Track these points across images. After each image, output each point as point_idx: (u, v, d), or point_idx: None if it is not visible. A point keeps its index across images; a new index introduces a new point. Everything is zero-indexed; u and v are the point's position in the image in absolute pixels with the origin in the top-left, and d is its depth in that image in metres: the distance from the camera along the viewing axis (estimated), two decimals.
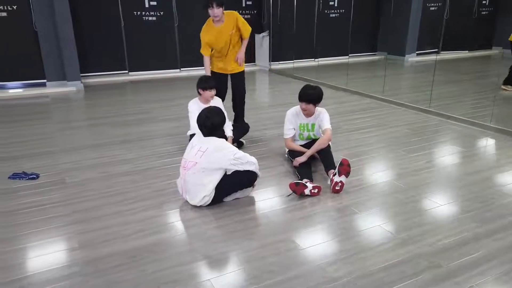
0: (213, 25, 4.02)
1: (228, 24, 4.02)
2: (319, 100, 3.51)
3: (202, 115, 2.91)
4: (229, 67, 4.22)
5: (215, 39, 4.04)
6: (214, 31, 4.02)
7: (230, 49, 4.14)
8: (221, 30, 4.01)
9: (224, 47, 4.09)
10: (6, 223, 2.69)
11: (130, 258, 2.31)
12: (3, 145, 4.25)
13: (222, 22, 4.00)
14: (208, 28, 4.05)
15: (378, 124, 4.94)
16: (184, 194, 2.92)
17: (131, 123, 5.03)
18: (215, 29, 4.01)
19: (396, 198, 3.04)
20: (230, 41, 4.08)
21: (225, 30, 4.01)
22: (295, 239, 2.50)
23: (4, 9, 6.51)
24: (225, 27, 4.01)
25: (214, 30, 4.02)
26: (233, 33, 4.06)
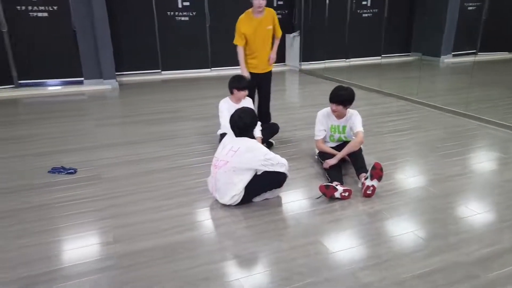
0: (252, 16, 4.02)
1: (267, 18, 4.06)
2: (350, 102, 3.45)
3: (235, 116, 2.93)
4: (261, 65, 4.23)
5: (253, 30, 4.03)
6: (253, 22, 4.02)
7: (263, 46, 4.15)
8: (261, 22, 4.02)
9: (258, 42, 4.10)
10: (44, 215, 2.81)
11: (163, 253, 2.36)
12: (44, 140, 4.44)
13: (263, 14, 4.02)
14: (247, 18, 4.05)
15: (412, 127, 4.82)
16: (214, 193, 2.96)
17: (163, 121, 5.13)
18: (254, 20, 4.02)
19: (430, 204, 2.96)
20: (265, 37, 4.10)
21: (264, 24, 4.05)
22: (325, 242, 2.48)
23: (45, 9, 6.80)
24: (264, 20, 4.04)
25: (253, 21, 4.02)
26: (270, 29, 4.10)
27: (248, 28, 4.04)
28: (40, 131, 4.75)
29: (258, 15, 4.02)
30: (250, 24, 4.04)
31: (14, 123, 5.19)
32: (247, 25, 4.05)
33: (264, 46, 4.17)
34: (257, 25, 4.04)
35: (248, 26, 4.04)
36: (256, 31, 4.05)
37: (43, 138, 4.49)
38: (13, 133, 4.73)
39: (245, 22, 4.05)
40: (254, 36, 4.08)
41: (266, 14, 4.06)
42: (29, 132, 4.73)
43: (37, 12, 6.77)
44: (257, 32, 4.06)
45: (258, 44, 4.13)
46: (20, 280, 2.14)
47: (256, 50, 4.16)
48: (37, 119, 5.35)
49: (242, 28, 4.05)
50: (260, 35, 4.07)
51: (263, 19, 4.05)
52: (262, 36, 4.09)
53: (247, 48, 4.18)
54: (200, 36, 8.51)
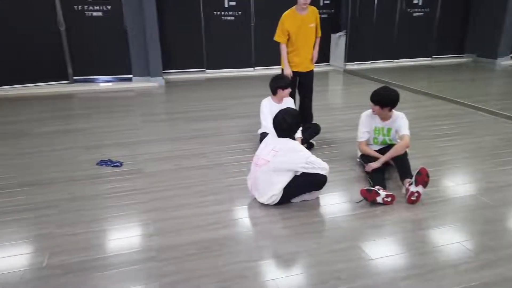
0: (297, 13, 4.06)
1: (311, 16, 4.10)
2: (390, 104, 3.30)
3: (278, 117, 2.91)
4: (303, 64, 4.24)
5: (297, 27, 4.07)
6: (297, 19, 4.06)
7: (306, 43, 4.16)
8: (304, 19, 4.06)
9: (301, 39, 4.12)
10: (91, 205, 2.95)
11: (203, 248, 2.40)
12: (94, 133, 4.66)
13: (307, 11, 4.07)
14: (292, 14, 4.09)
15: (463, 132, 4.56)
16: (253, 191, 2.96)
17: (206, 119, 5.22)
18: (299, 17, 4.06)
19: (481, 214, 2.78)
20: (308, 35, 4.13)
21: (308, 21, 4.09)
22: (365, 247, 2.40)
23: (100, 9, 7.15)
24: (307, 18, 4.08)
25: (298, 17, 4.06)
26: (312, 27, 4.12)
27: (292, 25, 4.06)
28: (91, 125, 4.99)
29: (303, 12, 4.05)
30: (294, 20, 4.06)
31: (69, 117, 5.50)
32: (291, 21, 4.07)
33: (306, 43, 4.18)
34: (300, 22, 4.06)
35: (292, 23, 4.07)
36: (300, 28, 4.08)
37: (93, 132, 4.71)
38: (67, 126, 5.01)
39: (289, 18, 4.08)
40: (298, 33, 4.10)
41: (309, 11, 4.10)
42: (82, 126, 4.99)
43: (92, 12, 7.12)
44: (301, 29, 4.08)
45: (301, 41, 4.13)
46: (60, 266, 2.25)
47: (299, 47, 4.16)
48: (89, 113, 5.63)
49: (286, 23, 4.08)
50: (303, 32, 4.10)
51: (306, 16, 4.08)
52: (305, 33, 4.11)
53: (289, 45, 4.19)
54: (244, 36, 8.57)
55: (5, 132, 4.75)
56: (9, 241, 2.50)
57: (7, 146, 4.27)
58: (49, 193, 3.13)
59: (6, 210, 2.87)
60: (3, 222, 2.72)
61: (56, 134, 4.63)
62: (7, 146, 4.26)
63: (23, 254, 2.36)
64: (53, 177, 3.44)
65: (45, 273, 2.19)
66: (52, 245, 2.44)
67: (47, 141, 4.38)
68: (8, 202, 2.98)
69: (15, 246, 2.45)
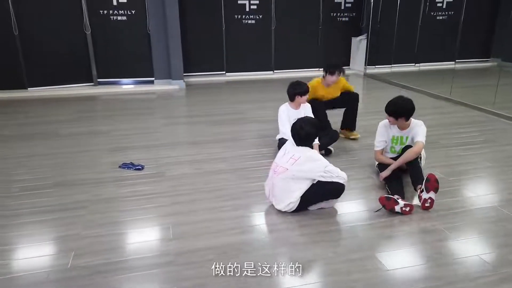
0: (322, 86, 4.37)
1: (336, 87, 4.42)
2: (405, 114, 3.27)
3: (297, 125, 2.93)
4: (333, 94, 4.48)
5: (321, 95, 4.40)
6: (322, 90, 4.38)
7: None
8: (329, 91, 4.40)
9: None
10: (113, 208, 3.05)
11: (221, 254, 2.45)
12: (117, 136, 4.80)
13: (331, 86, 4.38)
14: (318, 86, 4.37)
15: (486, 140, 4.48)
16: (270, 197, 3.00)
17: (226, 122, 5.29)
18: (324, 89, 4.38)
19: (502, 227, 2.74)
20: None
21: (333, 91, 4.41)
22: (381, 258, 2.41)
23: (125, 13, 7.33)
24: (333, 88, 4.40)
25: (323, 89, 4.38)
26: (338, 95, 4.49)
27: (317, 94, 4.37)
28: (114, 127, 5.13)
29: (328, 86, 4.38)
30: (319, 91, 4.38)
31: (93, 119, 5.67)
32: (316, 92, 4.36)
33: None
34: (325, 92, 4.41)
35: (316, 93, 4.36)
36: (325, 96, 4.42)
37: (116, 134, 4.85)
38: (92, 128, 5.17)
39: (315, 89, 4.33)
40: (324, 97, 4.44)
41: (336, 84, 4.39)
42: (105, 128, 5.14)
43: (117, 16, 7.31)
44: (327, 95, 4.43)
45: None
46: (84, 268, 2.34)
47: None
48: (112, 115, 5.79)
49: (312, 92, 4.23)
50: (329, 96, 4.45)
51: (332, 87, 4.40)
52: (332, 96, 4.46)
53: None
54: (265, 39, 8.62)
55: (37, 132, 4.95)
56: (38, 242, 2.62)
57: (40, 146, 4.46)
58: (76, 195, 3.25)
59: (38, 210, 3.00)
60: (34, 222, 2.85)
61: (81, 136, 4.79)
62: (39, 146, 4.45)
63: (50, 255, 2.48)
64: (81, 178, 3.57)
65: (70, 274, 2.29)
66: (77, 246, 2.54)
67: (74, 142, 4.54)
68: (39, 202, 3.12)
69: (43, 246, 2.57)
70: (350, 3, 8.95)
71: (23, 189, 3.36)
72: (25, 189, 3.35)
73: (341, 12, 8.97)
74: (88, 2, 7.06)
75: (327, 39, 8.99)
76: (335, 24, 8.98)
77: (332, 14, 8.92)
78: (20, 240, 2.64)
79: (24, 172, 3.71)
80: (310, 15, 8.72)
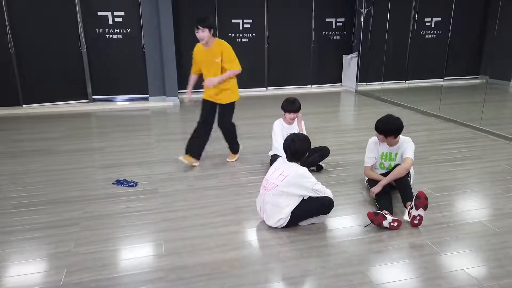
0: (201, 47, 4.05)
1: (214, 51, 3.97)
2: (395, 133, 3.37)
3: (288, 140, 3.00)
4: (216, 95, 4.18)
5: (201, 60, 4.08)
6: (202, 52, 4.06)
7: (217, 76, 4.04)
8: (208, 53, 4.00)
9: (209, 73, 4.06)
10: (106, 225, 3.08)
11: (211, 270, 2.49)
12: (111, 152, 4.84)
13: (209, 46, 3.97)
14: (199, 47, 4.10)
15: (473, 156, 4.58)
16: (261, 213, 3.05)
17: (219, 139, 5.33)
18: (203, 50, 4.04)
19: (487, 241, 2.81)
20: (217, 69, 4.01)
21: (211, 55, 3.98)
22: (370, 273, 2.46)
23: (120, 31, 7.46)
24: (211, 52, 3.98)
25: (202, 51, 4.05)
26: (219, 62, 3.99)
27: (197, 56, 4.11)
28: (109, 144, 5.18)
29: (205, 46, 4.00)
30: (199, 53, 4.10)
31: (88, 135, 5.71)
32: (198, 53, 4.11)
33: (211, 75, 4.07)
34: (204, 56, 4.04)
35: (197, 55, 4.11)
36: (204, 62, 4.06)
37: (110, 151, 4.89)
38: (86, 144, 5.21)
39: (197, 50, 4.11)
40: (203, 66, 4.10)
41: (214, 46, 3.97)
42: (100, 145, 5.19)
43: (112, 34, 7.44)
44: (205, 62, 4.06)
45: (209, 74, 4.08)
46: (76, 284, 2.36)
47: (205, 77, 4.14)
48: (106, 132, 5.84)
49: (194, 54, 4.12)
50: (208, 65, 4.05)
51: (209, 50, 3.99)
52: (211, 68, 4.04)
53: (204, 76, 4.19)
54: (258, 57, 8.78)
55: (32, 149, 4.98)
56: (31, 259, 2.63)
57: (34, 162, 4.50)
58: (69, 212, 3.28)
59: (31, 227, 3.03)
60: (27, 239, 2.87)
61: (76, 153, 4.83)
62: (34, 163, 4.48)
63: (42, 272, 2.49)
64: (74, 195, 3.60)
65: None
66: (70, 263, 2.56)
67: (68, 159, 4.58)
68: (33, 219, 3.14)
69: (36, 263, 2.58)
70: (341, 22, 9.19)
71: (16, 206, 3.38)
72: (19, 206, 3.37)
73: (333, 31, 9.20)
74: (84, 21, 7.20)
75: (319, 57, 9.19)
76: (326, 42, 9.20)
77: (323, 33, 9.14)
78: (13, 257, 2.65)
79: (18, 189, 3.73)
80: (303, 34, 8.93)
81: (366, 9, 8.78)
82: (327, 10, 8.95)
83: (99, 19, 7.31)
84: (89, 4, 7.18)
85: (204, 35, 3.84)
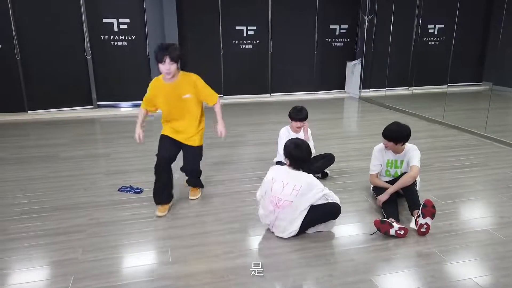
0: (162, 81, 3.28)
1: (181, 86, 3.27)
2: (403, 140, 3.37)
3: (291, 145, 2.96)
4: (183, 134, 3.43)
5: (162, 97, 3.29)
6: (164, 88, 3.27)
7: (186, 115, 3.39)
8: (173, 89, 3.25)
9: (174, 112, 3.37)
10: (112, 231, 3.08)
11: (218, 277, 2.49)
12: (116, 159, 4.86)
13: (173, 81, 3.25)
14: (159, 81, 3.30)
15: (478, 163, 4.58)
16: (272, 227, 2.99)
17: (224, 145, 5.36)
18: (165, 86, 3.27)
19: (493, 250, 2.80)
20: (186, 107, 3.35)
21: (177, 91, 3.27)
22: (377, 281, 2.45)
23: (125, 38, 7.52)
24: (176, 87, 3.26)
25: (164, 86, 3.27)
26: (189, 98, 3.32)
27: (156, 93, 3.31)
28: (114, 150, 5.20)
29: (169, 80, 3.24)
30: (159, 89, 3.30)
31: (92, 142, 5.74)
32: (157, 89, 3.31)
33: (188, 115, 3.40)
34: (167, 92, 3.27)
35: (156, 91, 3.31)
36: (167, 99, 3.29)
37: (115, 157, 4.91)
38: (91, 151, 5.23)
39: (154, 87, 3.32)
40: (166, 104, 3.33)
41: (181, 79, 3.28)
42: (104, 151, 5.21)
43: (117, 41, 7.50)
44: (169, 100, 3.29)
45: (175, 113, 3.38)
46: None
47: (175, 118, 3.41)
48: (111, 138, 5.86)
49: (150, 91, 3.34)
50: (173, 103, 3.31)
51: (176, 84, 3.26)
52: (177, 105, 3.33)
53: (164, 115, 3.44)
54: (262, 63, 8.82)
55: (37, 156, 5.00)
56: (37, 266, 2.64)
57: (40, 169, 4.50)
58: (75, 218, 3.29)
59: (37, 234, 3.03)
60: (33, 246, 2.87)
61: (81, 159, 4.85)
62: (39, 169, 4.49)
63: (49, 279, 2.50)
64: (80, 201, 3.61)
65: None
66: (76, 270, 2.57)
67: (73, 166, 4.59)
68: (39, 226, 3.15)
69: (43, 270, 2.59)
70: (344, 29, 9.22)
71: (22, 212, 3.39)
72: (25, 213, 3.38)
73: (336, 38, 9.23)
74: (90, 28, 7.25)
75: (322, 63, 9.22)
76: (330, 49, 9.23)
77: (327, 40, 9.17)
78: (20, 265, 2.66)
79: (24, 196, 3.75)
80: (306, 40, 8.97)
81: (369, 16, 8.82)
82: (330, 17, 8.99)
83: (104, 26, 7.36)
84: (94, 11, 7.23)
85: (172, 69, 3.14)
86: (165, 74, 3.17)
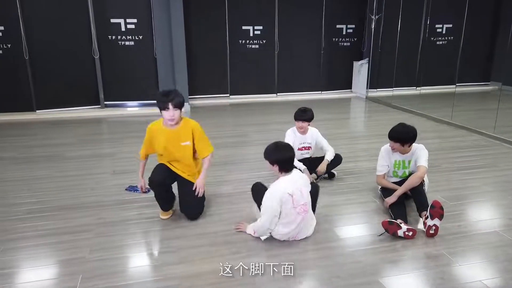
0: (162, 126, 3.19)
1: (181, 133, 3.19)
2: (409, 141, 3.34)
3: (270, 151, 2.97)
4: (184, 171, 3.30)
5: (162, 143, 3.17)
6: (164, 134, 3.17)
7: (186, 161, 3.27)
8: (173, 136, 3.17)
9: (172, 156, 3.25)
10: (119, 231, 3.09)
11: (225, 278, 2.48)
12: (122, 158, 4.88)
13: (174, 127, 3.17)
14: (158, 126, 3.20)
15: (486, 164, 4.52)
16: (296, 236, 2.90)
17: (230, 145, 5.37)
18: (165, 132, 3.17)
19: (503, 251, 2.76)
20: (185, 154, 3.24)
21: (177, 138, 3.18)
22: (385, 283, 2.43)
23: (132, 38, 7.55)
24: (176, 134, 3.18)
25: (164, 132, 3.17)
26: (188, 145, 3.22)
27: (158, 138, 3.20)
28: (120, 150, 5.22)
29: (172, 127, 3.16)
30: (160, 134, 3.19)
31: (99, 141, 5.77)
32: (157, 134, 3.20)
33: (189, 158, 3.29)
34: (168, 137, 3.17)
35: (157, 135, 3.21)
36: (168, 145, 3.18)
37: (122, 157, 4.93)
38: (98, 150, 5.26)
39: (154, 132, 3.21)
40: (166, 149, 3.20)
41: (183, 126, 3.20)
42: (111, 151, 5.23)
43: (125, 41, 7.53)
44: (170, 145, 3.18)
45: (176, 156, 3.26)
46: None
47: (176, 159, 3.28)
48: (118, 138, 5.89)
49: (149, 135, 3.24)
50: (173, 149, 3.20)
51: (178, 130, 3.18)
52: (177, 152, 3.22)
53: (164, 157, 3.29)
54: (268, 63, 8.81)
55: (45, 155, 5.03)
56: (45, 265, 2.66)
57: (47, 168, 4.54)
58: (82, 218, 3.30)
59: (44, 233, 3.05)
60: (40, 245, 2.89)
61: (88, 158, 4.87)
62: (46, 169, 4.52)
63: (57, 278, 2.51)
64: (87, 201, 3.63)
65: None
66: (84, 269, 2.58)
67: (81, 165, 4.62)
68: (46, 225, 3.17)
69: (50, 269, 2.60)
70: (351, 28, 9.18)
71: (29, 211, 3.41)
72: (32, 212, 3.40)
73: (343, 37, 9.19)
74: (97, 28, 7.30)
75: (329, 63, 9.18)
76: (337, 49, 9.19)
77: (334, 39, 9.14)
78: (27, 263, 2.68)
79: (31, 195, 3.77)
80: (313, 40, 8.94)
81: (377, 15, 8.77)
82: (337, 16, 8.96)
83: (112, 26, 7.40)
84: (102, 12, 7.27)
85: (176, 116, 3.07)
86: (168, 121, 3.08)
